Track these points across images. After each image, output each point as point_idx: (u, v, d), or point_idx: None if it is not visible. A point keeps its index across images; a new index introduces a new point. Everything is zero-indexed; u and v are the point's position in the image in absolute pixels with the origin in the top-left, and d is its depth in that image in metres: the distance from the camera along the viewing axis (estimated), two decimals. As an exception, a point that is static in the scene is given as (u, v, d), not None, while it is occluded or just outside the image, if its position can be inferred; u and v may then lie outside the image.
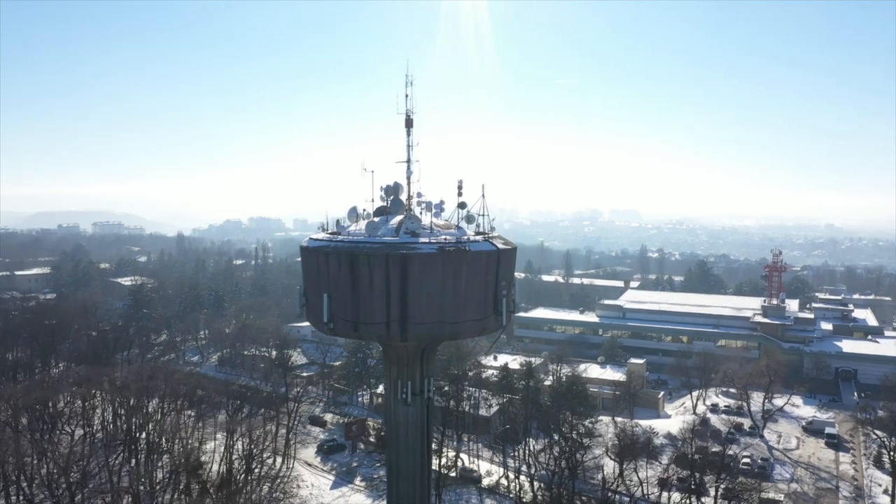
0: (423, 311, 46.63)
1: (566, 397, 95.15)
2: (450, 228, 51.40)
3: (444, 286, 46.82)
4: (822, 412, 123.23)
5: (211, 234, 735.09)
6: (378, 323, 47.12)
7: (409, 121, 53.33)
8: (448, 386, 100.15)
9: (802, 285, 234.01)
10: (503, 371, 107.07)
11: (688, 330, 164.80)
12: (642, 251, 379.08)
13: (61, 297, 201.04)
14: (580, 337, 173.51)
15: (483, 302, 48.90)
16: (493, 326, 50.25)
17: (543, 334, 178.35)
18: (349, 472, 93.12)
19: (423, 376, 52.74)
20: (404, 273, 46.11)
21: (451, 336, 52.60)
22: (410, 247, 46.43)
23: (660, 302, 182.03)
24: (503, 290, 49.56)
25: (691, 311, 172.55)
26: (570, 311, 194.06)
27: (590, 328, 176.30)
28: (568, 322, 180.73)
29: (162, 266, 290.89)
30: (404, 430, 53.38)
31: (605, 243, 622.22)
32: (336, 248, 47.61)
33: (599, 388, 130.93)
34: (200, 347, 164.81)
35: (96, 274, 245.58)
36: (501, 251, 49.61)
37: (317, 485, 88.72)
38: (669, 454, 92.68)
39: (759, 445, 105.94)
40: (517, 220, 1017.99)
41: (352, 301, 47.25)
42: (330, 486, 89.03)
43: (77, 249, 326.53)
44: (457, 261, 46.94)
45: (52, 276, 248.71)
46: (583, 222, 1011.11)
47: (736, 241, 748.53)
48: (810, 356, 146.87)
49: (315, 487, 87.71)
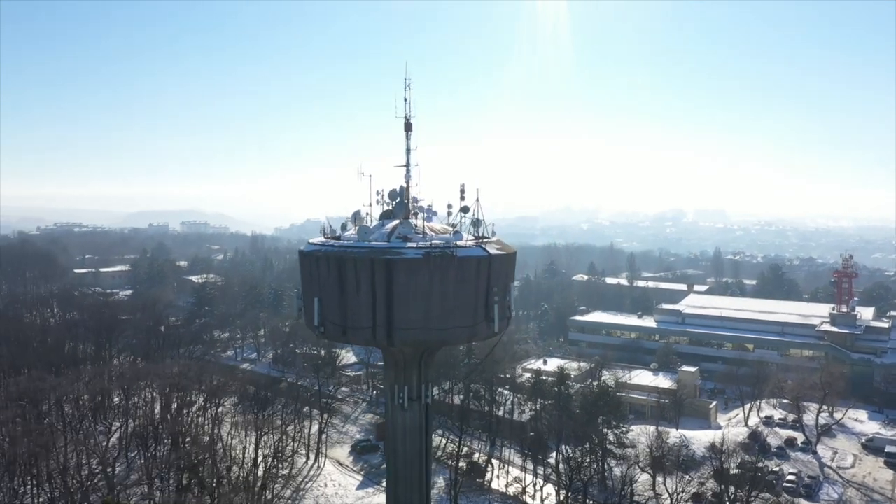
0: (410, 317, 46.40)
1: (596, 405, 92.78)
2: (446, 233, 50.95)
3: (430, 292, 46.40)
4: (887, 429, 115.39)
5: (291, 234, 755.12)
6: (365, 328, 47.22)
7: (409, 124, 53.04)
8: (483, 389, 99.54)
9: (885, 292, 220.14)
10: (535, 376, 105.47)
11: (749, 337, 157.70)
12: (716, 253, 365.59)
13: (135, 293, 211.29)
14: (636, 342, 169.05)
15: (473, 308, 48.14)
16: (486, 333, 49.51)
17: (599, 338, 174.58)
18: (378, 472, 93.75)
19: (420, 382, 52.49)
20: (389, 278, 46.00)
21: (439, 342, 52.18)
22: (396, 252, 46.31)
23: (722, 307, 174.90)
24: (495, 296, 48.80)
25: (754, 317, 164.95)
26: (628, 315, 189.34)
27: (646, 333, 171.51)
28: (623, 326, 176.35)
29: (233, 265, 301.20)
30: (402, 434, 53.24)
31: (684, 245, 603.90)
32: (325, 252, 48.00)
33: (648, 395, 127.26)
34: (258, 345, 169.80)
35: (170, 271, 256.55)
36: (493, 257, 48.71)
37: (343, 484, 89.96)
38: (711, 468, 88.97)
39: (810, 462, 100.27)
40: (597, 221, 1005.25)
41: (340, 305, 47.54)
42: (356, 487, 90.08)
43: (159, 248, 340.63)
44: (443, 266, 46.48)
45: (131, 273, 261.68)
46: (665, 223, 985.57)
47: (828, 243, 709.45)
48: (881, 368, 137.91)
49: (341, 487, 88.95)
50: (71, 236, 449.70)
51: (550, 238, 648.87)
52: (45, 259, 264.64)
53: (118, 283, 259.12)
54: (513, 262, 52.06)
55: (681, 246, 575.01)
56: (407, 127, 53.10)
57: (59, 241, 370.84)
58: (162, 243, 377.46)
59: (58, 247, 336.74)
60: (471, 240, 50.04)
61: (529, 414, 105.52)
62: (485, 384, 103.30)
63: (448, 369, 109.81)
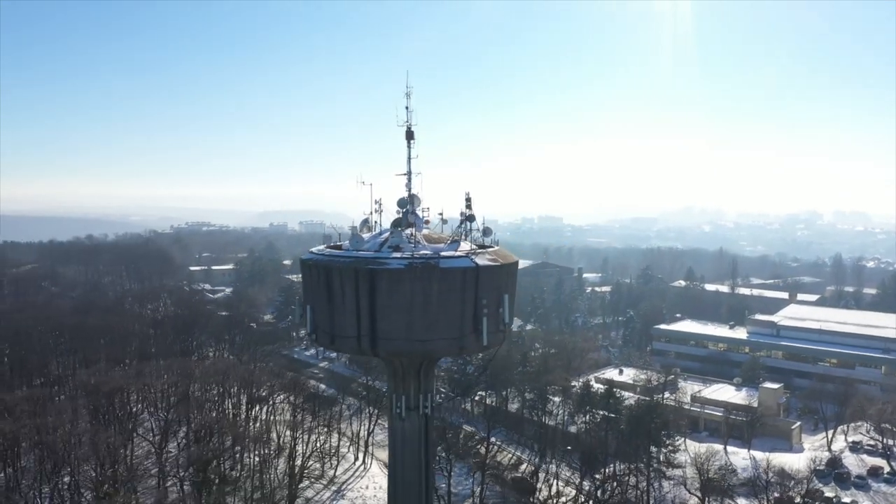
0: (393, 327, 46.44)
1: (642, 421, 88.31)
2: (441, 242, 50.53)
3: (413, 303, 46.26)
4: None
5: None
6: (350, 336, 47.69)
7: (410, 133, 53.03)
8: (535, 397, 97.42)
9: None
10: (583, 388, 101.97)
11: (848, 353, 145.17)
12: (837, 259, 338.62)
13: (234, 290, 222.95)
14: (723, 354, 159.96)
15: (459, 320, 47.49)
16: (474, 346, 48.65)
17: (684, 349, 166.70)
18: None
19: (418, 392, 52.43)
20: (372, 288, 46.21)
21: (423, 354, 51.68)
22: (380, 262, 46.48)
23: (823, 320, 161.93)
24: (484, 308, 47.89)
25: (857, 332, 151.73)
26: (720, 325, 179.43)
27: (735, 345, 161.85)
28: (710, 337, 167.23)
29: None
30: (401, 443, 53.33)
31: (815, 249, 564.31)
32: (315, 261, 48.88)
33: (724, 412, 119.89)
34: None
35: (272, 270, 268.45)
36: (481, 268, 47.74)
37: (384, 487, 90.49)
38: (770, 495, 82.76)
39: (893, 495, 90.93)
40: (720, 223, 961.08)
41: (329, 314, 48.29)
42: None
43: (268, 247, 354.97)
44: (425, 277, 46.20)
45: (236, 271, 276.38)
46: (796, 225, 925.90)
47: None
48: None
49: (381, 489, 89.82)
50: (196, 235, 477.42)
51: (665, 241, 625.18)
52: (164, 257, 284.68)
53: (226, 281, 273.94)
54: (509, 273, 50.72)
55: (809, 251, 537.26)
56: (408, 135, 53.00)
57: (183, 240, 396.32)
58: (272, 243, 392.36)
59: (180, 245, 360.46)
60: (472, 249, 49.39)
61: (581, 426, 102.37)
62: (538, 392, 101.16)
63: (501, 373, 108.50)
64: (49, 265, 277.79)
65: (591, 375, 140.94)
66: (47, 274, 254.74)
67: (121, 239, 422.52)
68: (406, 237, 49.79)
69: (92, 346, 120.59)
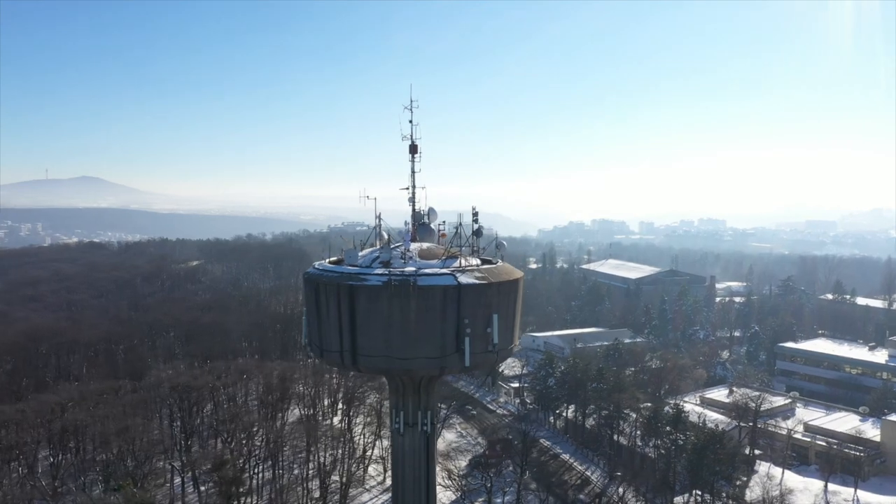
0: (373, 344, 46.59)
1: (704, 452, 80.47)
2: (434, 258, 49.93)
3: (391, 320, 46.14)
4: None
5: (553, 236, 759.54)
6: (335, 351, 48.36)
7: (414, 147, 53.25)
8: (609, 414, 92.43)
9: None
10: (652, 410, 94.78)
11: None
12: None
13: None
14: (856, 379, 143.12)
15: (440, 340, 46.70)
16: (457, 367, 47.64)
17: (810, 370, 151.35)
18: (475, 492, 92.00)
19: (416, 408, 52.09)
20: (352, 304, 46.70)
21: (404, 372, 50.69)
22: (360, 278, 46.81)
23: None
24: (467, 328, 46.64)
25: None
26: (860, 345, 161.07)
27: (871, 369, 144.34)
28: (842, 359, 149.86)
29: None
30: (401, 461, 53.19)
31: None
32: (309, 275, 50.15)
33: (839, 444, 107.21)
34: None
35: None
36: (464, 286, 46.66)
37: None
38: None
39: None
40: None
41: (318, 327, 49.35)
42: (448, 501, 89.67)
43: None
44: (403, 294, 45.90)
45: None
46: None
47: None
48: None
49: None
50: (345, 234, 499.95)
51: (842, 247, 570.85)
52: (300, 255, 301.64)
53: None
54: (502, 292, 49.15)
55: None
56: (412, 150, 53.10)
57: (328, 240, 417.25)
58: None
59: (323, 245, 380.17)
60: (464, 266, 48.44)
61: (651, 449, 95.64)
62: (613, 409, 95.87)
63: (576, 390, 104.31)
64: (207, 262, 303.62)
65: (696, 394, 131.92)
66: (197, 272, 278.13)
67: (276, 238, 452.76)
68: (400, 252, 49.64)
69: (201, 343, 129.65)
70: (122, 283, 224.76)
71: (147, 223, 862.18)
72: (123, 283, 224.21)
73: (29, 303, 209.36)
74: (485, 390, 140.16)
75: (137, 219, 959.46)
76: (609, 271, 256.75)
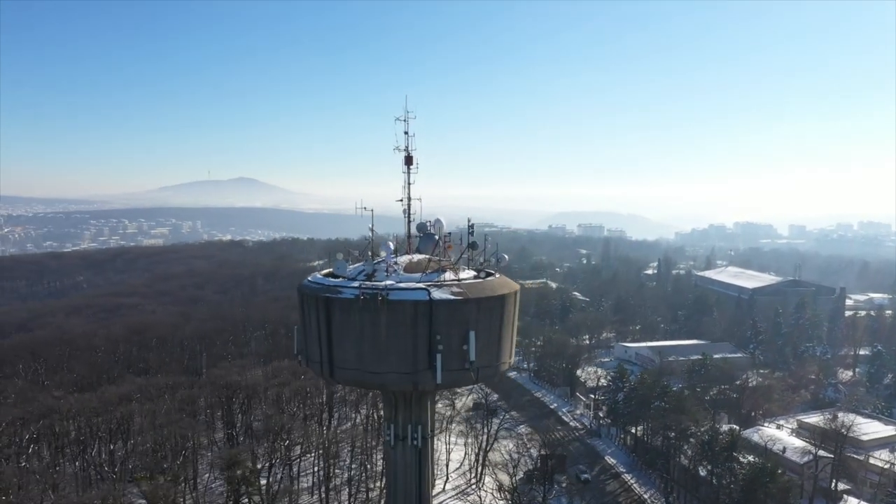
0: (347, 356, 47.18)
1: (753, 483, 72.90)
2: (418, 271, 49.70)
3: (363, 333, 46.51)
4: None
5: (689, 239, 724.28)
6: (315, 361, 49.41)
7: (409, 158, 53.53)
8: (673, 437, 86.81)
9: None
10: (709, 434, 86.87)
11: None
12: None
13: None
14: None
15: (412, 355, 46.50)
16: (429, 384, 47.06)
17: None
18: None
19: (407, 421, 52.12)
20: (328, 316, 47.56)
21: (378, 386, 50.18)
22: (336, 290, 47.44)
23: None
24: (439, 344, 46.06)
25: None
26: None
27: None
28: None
29: (570, 271, 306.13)
30: (394, 474, 53.68)
31: None
32: (301, 286, 51.56)
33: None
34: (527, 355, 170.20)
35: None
36: (436, 302, 46.16)
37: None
38: None
39: None
40: None
41: (303, 337, 50.70)
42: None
43: (521, 250, 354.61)
44: (372, 308, 46.16)
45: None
46: None
47: None
48: None
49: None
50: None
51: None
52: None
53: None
54: (483, 309, 48.28)
55: None
56: (407, 161, 53.32)
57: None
58: (524, 247, 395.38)
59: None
60: (448, 280, 48.13)
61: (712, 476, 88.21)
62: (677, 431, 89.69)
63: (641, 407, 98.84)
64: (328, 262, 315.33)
65: (793, 418, 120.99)
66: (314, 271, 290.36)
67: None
68: (385, 265, 49.70)
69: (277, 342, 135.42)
70: (241, 279, 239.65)
71: (293, 222, 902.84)
72: (242, 280, 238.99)
73: (161, 297, 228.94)
74: (564, 400, 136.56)
75: (285, 218, 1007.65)
76: (726, 279, 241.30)
